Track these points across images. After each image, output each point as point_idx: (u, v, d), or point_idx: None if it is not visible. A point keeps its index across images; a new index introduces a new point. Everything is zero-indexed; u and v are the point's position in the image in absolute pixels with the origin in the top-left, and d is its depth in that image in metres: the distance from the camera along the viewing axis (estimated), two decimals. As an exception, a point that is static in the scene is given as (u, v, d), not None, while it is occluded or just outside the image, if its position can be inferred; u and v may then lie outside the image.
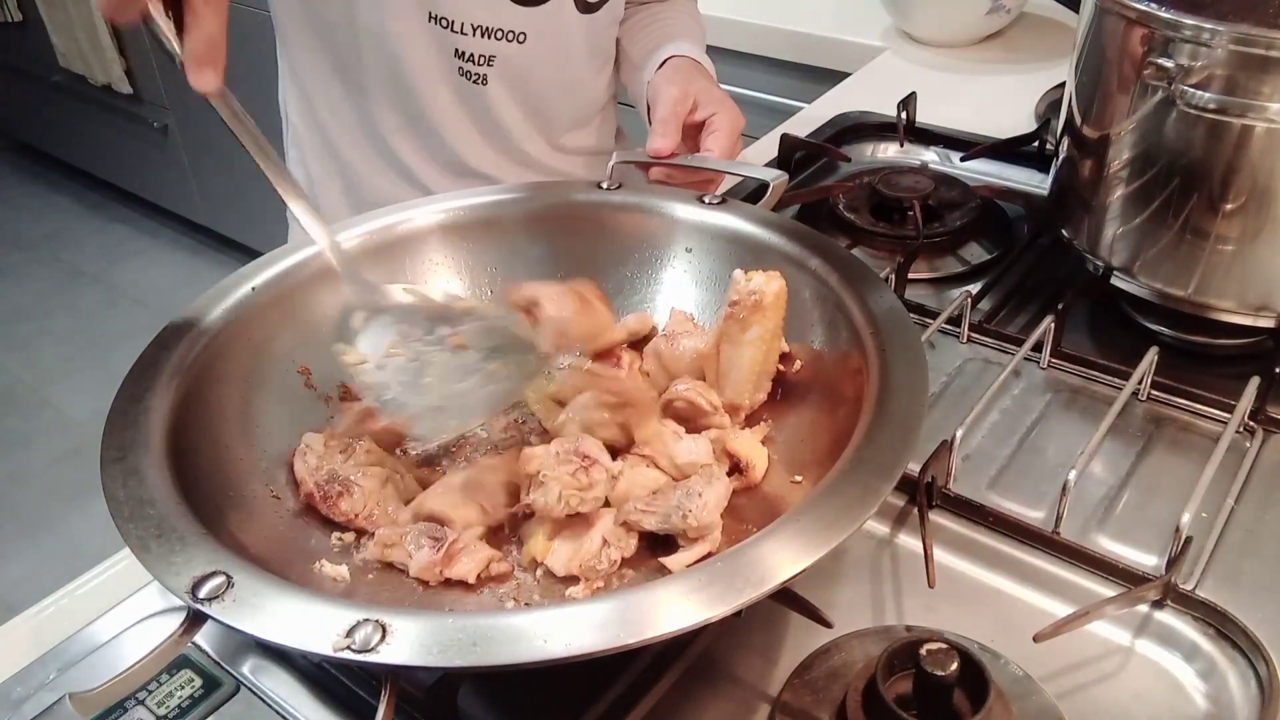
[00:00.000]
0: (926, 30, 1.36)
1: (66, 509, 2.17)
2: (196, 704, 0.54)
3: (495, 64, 0.88)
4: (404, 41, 0.86)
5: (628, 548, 0.56)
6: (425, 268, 0.71)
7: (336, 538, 0.58)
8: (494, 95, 0.91)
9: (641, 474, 0.58)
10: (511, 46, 0.88)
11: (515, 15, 0.87)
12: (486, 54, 0.88)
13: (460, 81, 0.89)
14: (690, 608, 0.43)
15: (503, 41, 0.87)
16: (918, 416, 0.52)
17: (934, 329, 0.75)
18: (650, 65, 0.93)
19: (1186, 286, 0.72)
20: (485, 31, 0.86)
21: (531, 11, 0.87)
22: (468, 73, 0.89)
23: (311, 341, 0.66)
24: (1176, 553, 0.57)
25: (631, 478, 0.58)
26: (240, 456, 0.59)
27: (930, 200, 0.91)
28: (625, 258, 0.72)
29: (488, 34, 0.86)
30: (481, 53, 0.87)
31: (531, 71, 0.91)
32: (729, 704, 0.54)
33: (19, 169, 3.44)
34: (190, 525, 0.48)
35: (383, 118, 0.91)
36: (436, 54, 0.87)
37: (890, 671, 0.48)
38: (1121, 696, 0.53)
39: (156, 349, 0.59)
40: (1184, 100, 0.65)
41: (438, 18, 0.85)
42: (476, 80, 0.89)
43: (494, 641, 0.42)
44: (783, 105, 1.45)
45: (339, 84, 0.91)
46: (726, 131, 0.84)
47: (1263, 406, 0.68)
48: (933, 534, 0.61)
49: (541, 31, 0.88)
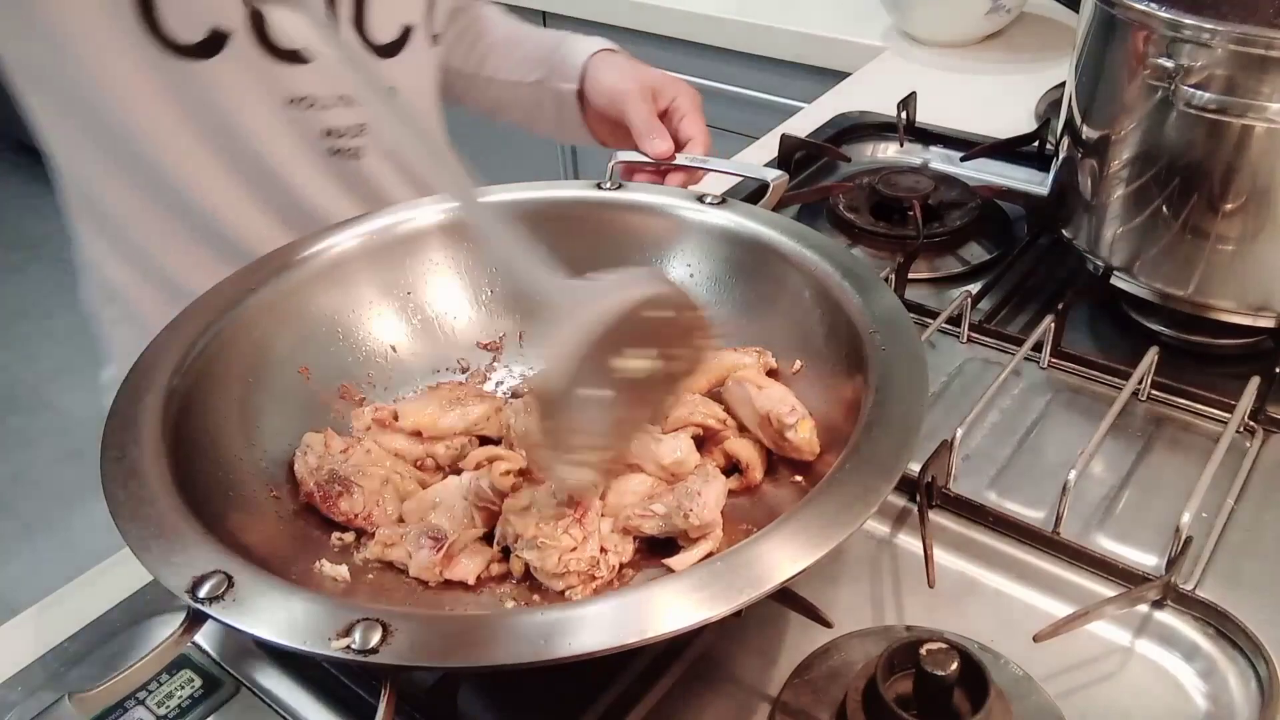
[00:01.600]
0: (926, 30, 1.36)
1: (66, 509, 2.17)
2: (196, 704, 0.54)
3: (369, 131, 0.81)
4: (264, 136, 0.76)
5: (625, 553, 0.56)
6: (425, 268, 0.71)
7: (336, 538, 0.58)
8: (370, 166, 0.83)
9: (629, 480, 0.58)
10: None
11: (375, 72, 0.80)
12: (357, 123, 0.80)
13: (332, 162, 0.81)
14: (690, 608, 0.43)
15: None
16: (918, 416, 0.52)
17: (934, 329, 0.75)
18: (558, 75, 0.90)
19: (1186, 286, 0.72)
20: (350, 99, 0.79)
21: (392, 63, 0.81)
22: (340, 149, 0.81)
23: (311, 341, 0.66)
24: (1176, 553, 0.57)
25: (620, 486, 0.58)
26: (240, 456, 0.59)
27: (930, 200, 0.91)
28: (625, 258, 0.72)
29: (353, 100, 0.79)
30: (352, 123, 0.80)
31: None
32: (729, 704, 0.54)
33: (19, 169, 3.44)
34: (190, 525, 0.48)
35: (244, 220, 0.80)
36: (302, 140, 0.79)
37: (890, 671, 0.48)
38: (1121, 696, 0.53)
39: (157, 349, 0.59)
40: (1184, 100, 0.65)
41: (298, 100, 0.76)
42: (352, 155, 0.82)
43: (494, 641, 0.42)
44: (783, 105, 1.45)
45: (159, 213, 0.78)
46: (696, 112, 0.83)
47: (1263, 406, 0.68)
48: (933, 534, 0.61)
49: (405, 81, 0.83)
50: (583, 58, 0.89)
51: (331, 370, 0.67)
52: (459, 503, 0.57)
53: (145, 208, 0.77)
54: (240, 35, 0.71)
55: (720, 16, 1.49)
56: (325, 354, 0.67)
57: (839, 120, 1.13)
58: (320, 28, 0.60)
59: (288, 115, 0.76)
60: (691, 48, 1.55)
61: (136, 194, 0.77)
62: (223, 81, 0.72)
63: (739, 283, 0.69)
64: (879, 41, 1.38)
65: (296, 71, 0.75)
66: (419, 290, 0.71)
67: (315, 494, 0.58)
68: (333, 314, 0.68)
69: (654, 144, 0.80)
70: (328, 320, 0.68)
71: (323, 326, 0.67)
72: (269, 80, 0.74)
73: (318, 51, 0.68)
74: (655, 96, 0.84)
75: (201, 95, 0.72)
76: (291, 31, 0.71)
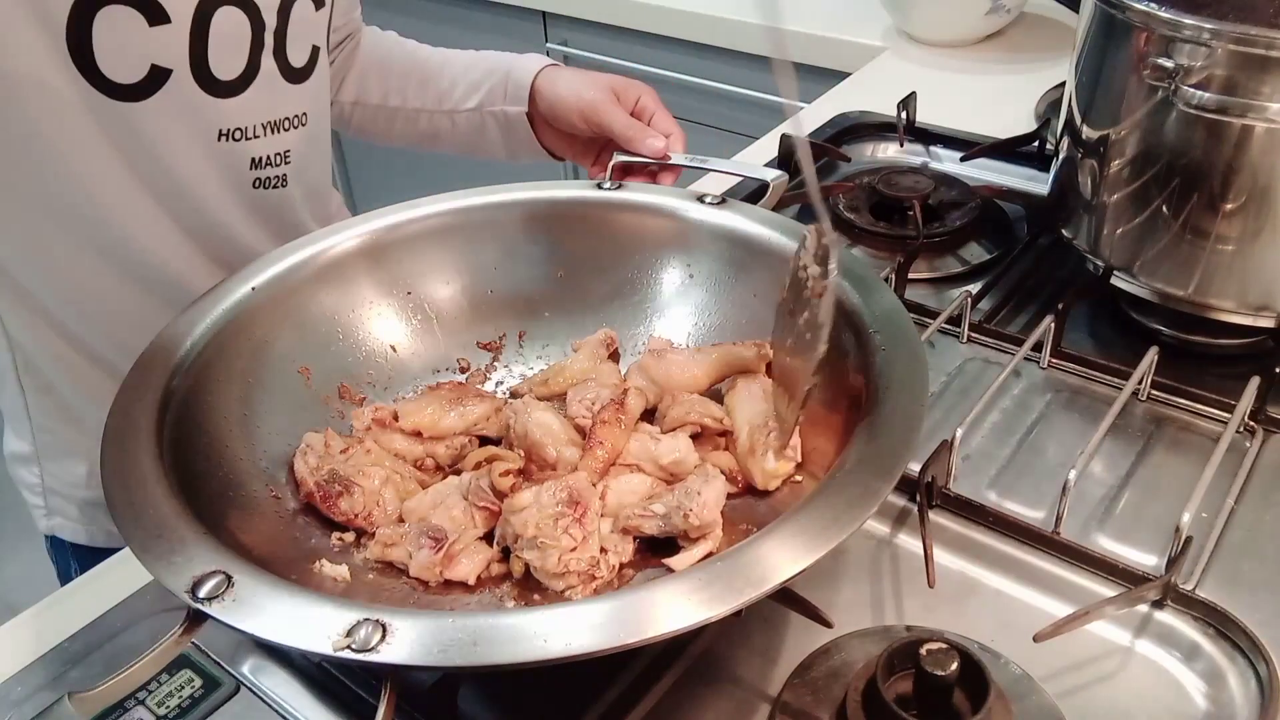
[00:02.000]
0: (926, 30, 1.36)
1: (66, 509, 2.17)
2: (196, 704, 0.54)
3: (291, 159, 0.80)
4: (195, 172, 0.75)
5: (625, 553, 0.56)
6: (425, 268, 0.71)
7: (336, 538, 0.58)
8: (292, 194, 0.82)
9: (628, 481, 0.58)
10: (297, 133, 0.80)
11: (293, 97, 0.79)
12: (281, 150, 0.79)
13: (256, 195, 0.80)
14: (690, 608, 0.43)
15: (291, 131, 0.80)
16: (918, 416, 0.52)
17: (934, 329, 0.75)
18: (499, 98, 0.91)
19: (1186, 286, 0.72)
20: (275, 126, 0.78)
21: (302, 88, 0.80)
22: (265, 180, 0.79)
23: (311, 341, 0.67)
24: (1176, 553, 0.57)
25: (619, 486, 0.58)
26: (240, 456, 0.59)
27: (930, 200, 0.91)
28: (625, 258, 0.72)
29: (277, 128, 0.78)
30: (276, 150, 0.79)
31: (313, 149, 0.84)
32: (729, 704, 0.54)
33: None
34: (190, 525, 0.48)
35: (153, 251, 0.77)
36: (230, 176, 0.77)
37: (890, 671, 0.48)
38: (1121, 696, 0.53)
39: (156, 349, 0.59)
40: (1184, 100, 0.65)
41: (228, 132, 0.75)
42: (275, 184, 0.80)
43: (494, 641, 0.42)
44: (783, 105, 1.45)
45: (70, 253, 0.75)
46: (662, 108, 0.84)
47: (1263, 406, 0.68)
48: (933, 534, 0.61)
49: (313, 105, 0.82)
50: (529, 76, 0.89)
51: (331, 370, 0.67)
52: (459, 502, 0.57)
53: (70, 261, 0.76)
54: (179, 72, 0.71)
55: (720, 16, 1.49)
56: (325, 354, 0.67)
57: (839, 120, 1.13)
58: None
59: (217, 150, 0.76)
60: (691, 48, 1.55)
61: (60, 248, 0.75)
62: (157, 121, 0.72)
63: (739, 282, 0.69)
64: (879, 41, 1.38)
65: (228, 104, 0.74)
66: (419, 290, 0.71)
67: (316, 494, 0.58)
68: (333, 314, 0.68)
69: (649, 144, 0.81)
70: (328, 320, 0.68)
71: (323, 326, 0.67)
72: (201, 116, 0.74)
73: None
74: (620, 99, 0.85)
75: (135, 136, 0.71)
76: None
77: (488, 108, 0.92)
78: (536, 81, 0.89)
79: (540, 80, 0.89)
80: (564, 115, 0.87)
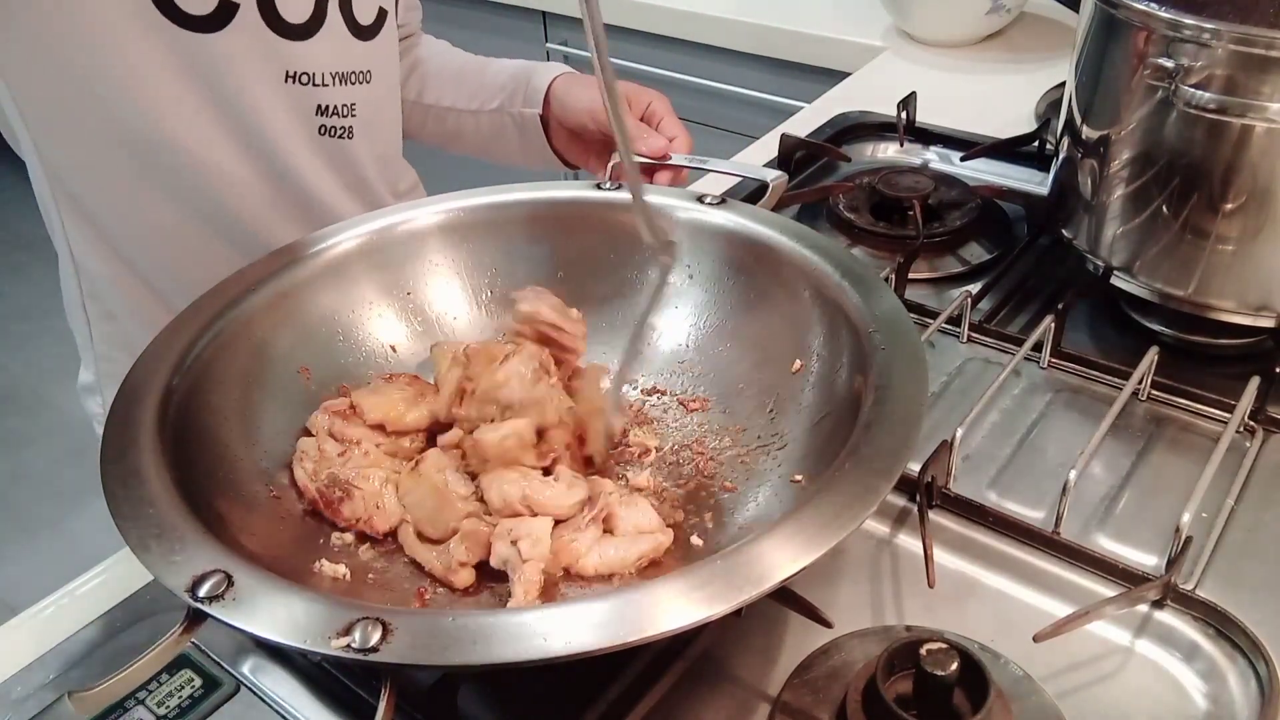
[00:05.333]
0: (926, 30, 1.36)
1: (66, 509, 2.17)
2: (196, 704, 0.54)
3: (357, 112, 0.83)
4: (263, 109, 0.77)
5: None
6: (425, 268, 0.71)
7: (337, 537, 0.58)
8: (359, 148, 0.85)
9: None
10: (363, 89, 0.83)
11: (359, 53, 0.82)
12: (348, 102, 0.82)
13: (321, 141, 0.82)
14: (690, 607, 0.43)
15: (358, 85, 0.82)
16: (918, 416, 0.52)
17: (934, 329, 0.75)
18: (520, 101, 0.94)
19: (1186, 286, 0.72)
20: (342, 78, 0.81)
21: (369, 46, 0.83)
22: (331, 129, 0.82)
23: (311, 341, 0.66)
24: (1176, 553, 0.57)
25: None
26: (240, 456, 0.59)
27: (930, 200, 0.91)
28: (625, 258, 0.72)
29: (344, 79, 0.81)
30: (343, 102, 0.81)
31: (380, 114, 0.87)
32: (729, 704, 0.54)
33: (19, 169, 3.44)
34: (190, 525, 0.48)
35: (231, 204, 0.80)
36: (298, 117, 0.80)
37: (890, 671, 0.48)
38: (1121, 696, 0.53)
39: (157, 349, 0.59)
40: (1184, 100, 0.65)
41: (296, 75, 0.77)
42: (341, 134, 0.83)
43: (494, 640, 0.42)
44: (783, 105, 1.45)
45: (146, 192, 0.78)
46: (671, 114, 0.86)
47: (1263, 406, 0.68)
48: (933, 534, 0.61)
49: (380, 66, 0.85)
50: (546, 81, 0.93)
51: (331, 370, 0.67)
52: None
53: (136, 192, 0.78)
54: (247, 8, 0.73)
55: (720, 16, 1.49)
56: (325, 354, 0.67)
57: (839, 120, 1.13)
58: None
59: (285, 90, 0.78)
60: (691, 48, 1.55)
61: (126, 179, 0.77)
62: (227, 54, 0.74)
63: (739, 283, 0.69)
64: (879, 41, 1.38)
65: (296, 47, 0.77)
66: (419, 290, 0.71)
67: (319, 500, 0.58)
68: (333, 314, 0.68)
69: (649, 143, 0.83)
70: (328, 320, 0.68)
71: (323, 326, 0.67)
72: (271, 55, 0.76)
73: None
74: (631, 105, 0.87)
75: (206, 67, 0.74)
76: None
77: (507, 109, 0.95)
78: (553, 85, 0.92)
79: (556, 84, 0.93)
80: (574, 115, 0.90)
